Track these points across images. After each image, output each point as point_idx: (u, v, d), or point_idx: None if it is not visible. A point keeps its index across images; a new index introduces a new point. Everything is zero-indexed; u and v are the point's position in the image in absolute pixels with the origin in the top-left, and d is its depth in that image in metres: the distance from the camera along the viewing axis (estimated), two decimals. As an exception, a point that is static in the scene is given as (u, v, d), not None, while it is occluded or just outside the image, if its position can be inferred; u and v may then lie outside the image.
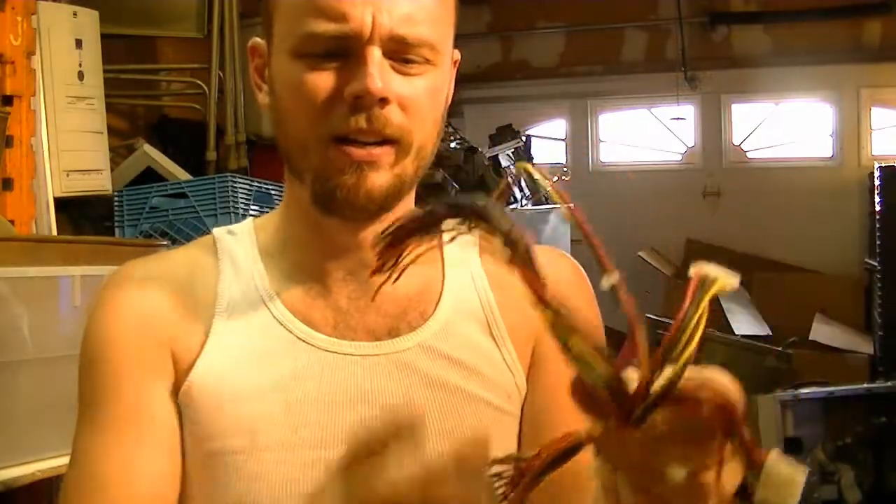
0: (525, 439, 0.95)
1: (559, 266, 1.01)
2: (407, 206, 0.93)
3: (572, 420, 0.94)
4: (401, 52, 0.84)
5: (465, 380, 0.90)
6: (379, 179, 0.85)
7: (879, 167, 4.69)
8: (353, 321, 0.90)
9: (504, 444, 0.92)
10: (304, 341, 0.89)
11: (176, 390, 0.88)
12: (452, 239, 0.73)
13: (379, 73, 0.82)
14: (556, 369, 0.95)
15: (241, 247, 0.94)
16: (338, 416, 0.87)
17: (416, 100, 0.85)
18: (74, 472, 0.88)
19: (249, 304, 0.90)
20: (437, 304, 0.93)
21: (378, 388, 0.88)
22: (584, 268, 1.03)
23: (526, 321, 0.95)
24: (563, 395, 0.93)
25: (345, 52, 0.83)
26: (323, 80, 0.84)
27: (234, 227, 0.98)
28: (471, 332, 0.93)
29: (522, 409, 0.96)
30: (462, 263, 0.97)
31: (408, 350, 0.90)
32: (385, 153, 0.85)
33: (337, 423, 0.87)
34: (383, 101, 0.83)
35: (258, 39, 0.93)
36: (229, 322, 0.89)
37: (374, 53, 0.83)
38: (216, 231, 0.97)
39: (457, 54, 0.93)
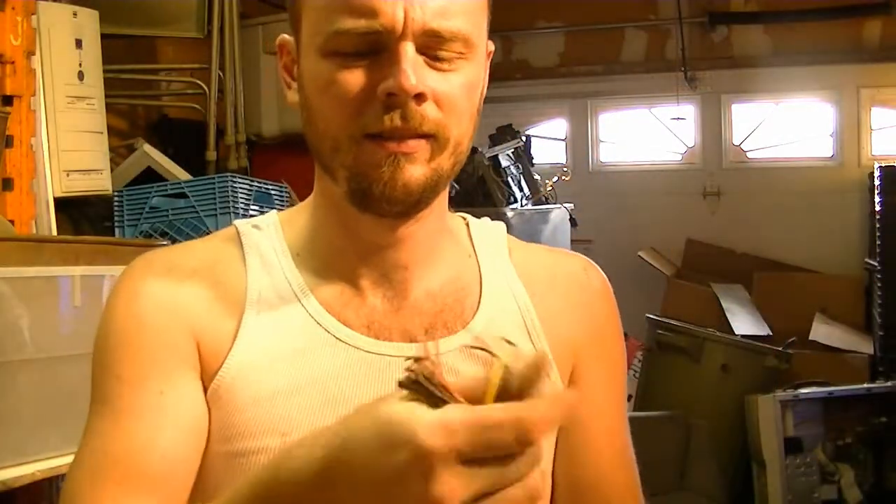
0: (559, 454, 0.95)
1: (590, 276, 1.02)
2: (442, 201, 0.92)
3: (599, 436, 0.97)
4: (434, 47, 0.82)
5: None
6: (416, 172, 0.83)
7: (879, 167, 4.69)
8: (389, 321, 0.89)
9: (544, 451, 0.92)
10: (341, 340, 0.87)
11: (204, 386, 0.86)
12: None
13: (413, 70, 0.80)
14: (587, 387, 0.97)
15: (268, 241, 0.92)
16: None
17: (452, 95, 0.83)
18: (86, 452, 0.84)
19: (282, 301, 0.88)
20: (478, 305, 0.92)
21: None
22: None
23: (566, 339, 0.96)
24: (590, 412, 0.96)
25: (376, 48, 0.81)
26: (354, 78, 0.82)
27: (257, 220, 0.95)
28: (511, 334, 0.92)
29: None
30: (496, 266, 0.96)
31: (450, 353, 0.88)
32: (421, 146, 0.83)
33: None
34: (419, 98, 0.81)
35: (286, 36, 0.91)
36: (260, 317, 0.87)
37: (408, 49, 0.80)
38: (239, 224, 0.95)
39: (491, 45, 0.91)
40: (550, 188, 4.59)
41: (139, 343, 0.85)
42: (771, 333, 4.57)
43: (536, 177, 4.66)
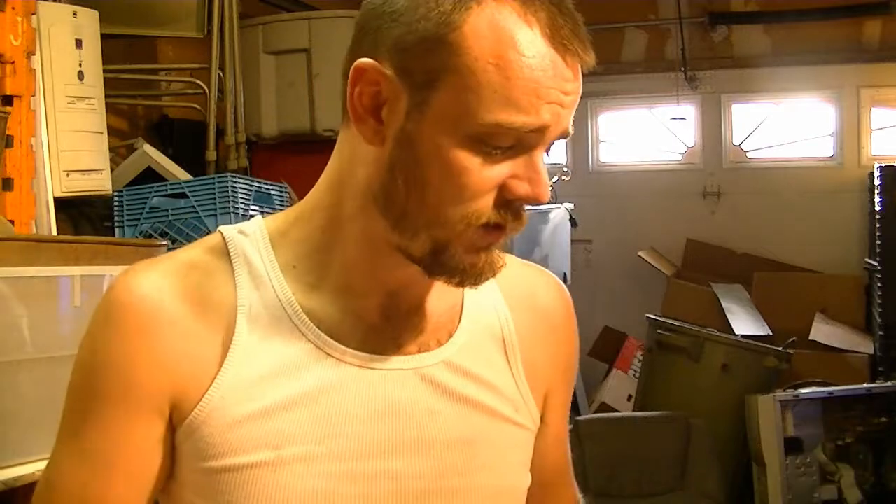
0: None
1: (562, 295, 1.04)
2: None
3: (560, 437, 1.05)
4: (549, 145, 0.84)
5: (484, 394, 0.92)
6: (499, 260, 0.87)
7: (879, 167, 4.69)
8: (385, 337, 0.89)
9: (519, 452, 0.96)
10: (330, 356, 0.87)
11: (182, 413, 0.86)
12: None
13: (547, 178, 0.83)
14: (556, 401, 1.03)
15: (256, 251, 0.90)
16: (365, 428, 0.87)
17: None
18: (48, 482, 0.89)
19: (271, 317, 0.87)
20: (459, 321, 0.94)
21: (404, 401, 0.88)
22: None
23: (539, 361, 0.98)
24: (557, 419, 1.03)
25: (520, 146, 0.81)
26: (491, 175, 0.81)
27: (242, 226, 0.93)
28: (488, 348, 0.94)
29: None
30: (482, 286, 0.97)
31: (433, 366, 0.90)
32: (505, 235, 0.86)
33: (364, 435, 0.86)
34: None
35: (379, 67, 0.81)
36: (250, 335, 0.86)
37: (543, 156, 0.83)
38: (225, 231, 0.92)
39: None
40: (550, 188, 4.58)
41: (103, 383, 0.86)
42: (771, 333, 4.57)
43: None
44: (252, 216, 1.06)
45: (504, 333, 0.96)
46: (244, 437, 0.84)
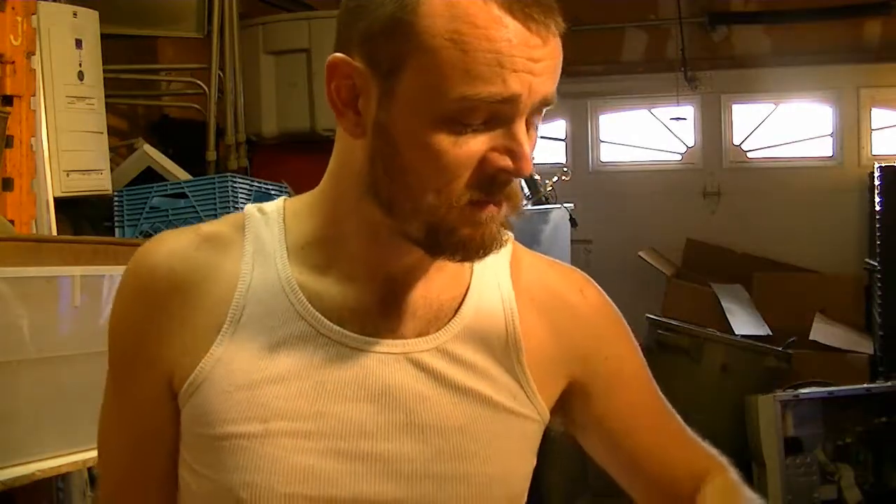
0: (612, 463, 1.05)
1: (587, 295, 1.02)
2: None
3: (652, 439, 1.05)
4: (534, 115, 0.83)
5: (477, 381, 0.92)
6: (498, 235, 0.86)
7: (879, 167, 4.69)
8: (382, 322, 0.90)
9: (516, 441, 0.95)
10: (323, 335, 0.89)
11: (181, 379, 0.89)
12: None
13: (529, 150, 0.81)
14: (624, 397, 1.02)
15: (267, 229, 0.93)
16: (352, 407, 0.88)
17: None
18: (101, 425, 0.99)
19: (270, 293, 0.90)
20: (459, 308, 0.93)
21: (393, 384, 0.89)
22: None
23: (555, 360, 0.97)
24: (635, 417, 1.02)
25: (495, 119, 0.81)
26: (467, 153, 0.81)
27: (266, 204, 0.96)
28: (487, 337, 0.94)
29: (593, 437, 1.02)
30: (491, 272, 0.97)
31: (426, 351, 0.91)
32: (503, 209, 0.85)
33: (351, 414, 0.88)
34: None
35: (349, 60, 0.83)
36: (247, 310, 0.89)
37: (523, 127, 0.81)
38: (248, 208, 0.96)
39: None
40: (550, 188, 4.59)
41: (112, 344, 0.94)
42: (771, 333, 4.57)
43: (536, 177, 4.65)
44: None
45: (507, 323, 0.95)
46: (233, 407, 0.87)
